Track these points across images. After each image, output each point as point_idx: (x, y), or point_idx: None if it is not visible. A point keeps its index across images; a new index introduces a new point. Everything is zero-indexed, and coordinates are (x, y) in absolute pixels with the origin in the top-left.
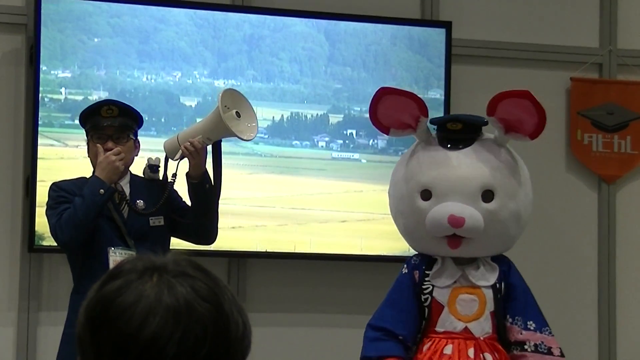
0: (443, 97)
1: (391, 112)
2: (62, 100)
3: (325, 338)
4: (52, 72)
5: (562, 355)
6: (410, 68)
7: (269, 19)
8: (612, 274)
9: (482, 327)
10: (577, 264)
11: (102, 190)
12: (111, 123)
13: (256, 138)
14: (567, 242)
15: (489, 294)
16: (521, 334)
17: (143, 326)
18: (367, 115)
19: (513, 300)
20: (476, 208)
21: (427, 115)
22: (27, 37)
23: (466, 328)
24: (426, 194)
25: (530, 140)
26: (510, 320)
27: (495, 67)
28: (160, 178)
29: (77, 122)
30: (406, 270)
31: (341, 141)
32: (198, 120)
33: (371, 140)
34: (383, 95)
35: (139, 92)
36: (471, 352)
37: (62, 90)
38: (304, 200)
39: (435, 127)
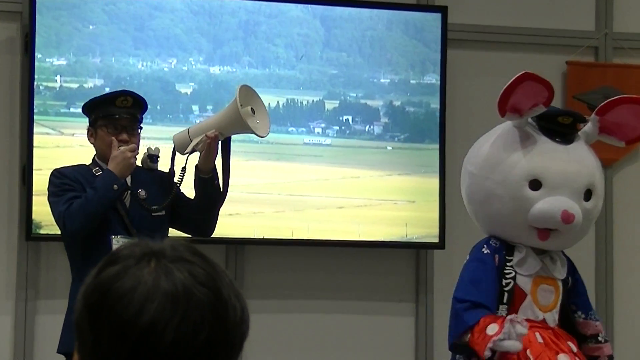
0: (439, 82)
1: (522, 97)
2: (58, 88)
3: (323, 324)
4: (48, 60)
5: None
6: (406, 53)
7: (264, 5)
8: (610, 257)
9: (554, 318)
10: (573, 247)
11: (115, 186)
12: (125, 114)
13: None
14: None
15: (561, 286)
16: (595, 326)
17: (141, 312)
18: (363, 101)
19: (582, 295)
20: (579, 205)
21: (548, 106)
22: (22, 25)
23: (543, 318)
24: (535, 184)
25: (625, 145)
26: (583, 315)
27: (491, 51)
28: (159, 168)
29: (72, 110)
30: (488, 251)
31: (337, 127)
32: (194, 107)
33: (367, 126)
34: (525, 80)
35: (134, 79)
36: (555, 340)
37: (58, 78)
38: (301, 186)
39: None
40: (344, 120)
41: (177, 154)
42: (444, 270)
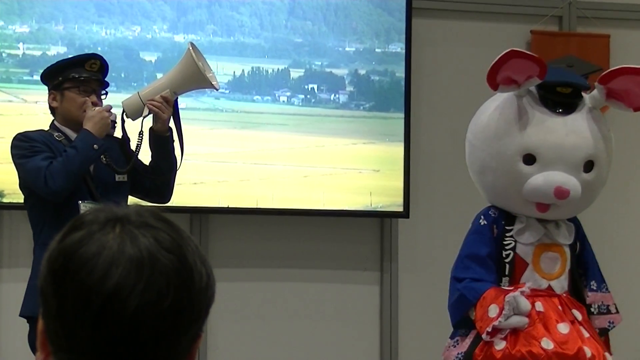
0: (404, 51)
1: (511, 72)
2: (20, 56)
3: (288, 293)
4: (10, 27)
5: (617, 311)
6: (371, 22)
7: None
8: None
9: (562, 285)
10: None
11: (95, 146)
12: (94, 77)
13: (217, 93)
14: None
15: (568, 252)
16: (588, 296)
17: (105, 278)
18: (328, 69)
19: (585, 262)
20: (577, 178)
21: (543, 78)
22: None
23: (549, 286)
24: (529, 159)
25: (633, 112)
26: (584, 282)
27: (456, 20)
28: (119, 136)
29: (35, 77)
30: (485, 222)
31: (302, 96)
32: (158, 75)
33: (333, 95)
34: (511, 58)
35: (97, 47)
36: (560, 309)
37: (20, 45)
38: (265, 155)
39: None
40: (309, 89)
41: (128, 119)
42: (409, 239)
